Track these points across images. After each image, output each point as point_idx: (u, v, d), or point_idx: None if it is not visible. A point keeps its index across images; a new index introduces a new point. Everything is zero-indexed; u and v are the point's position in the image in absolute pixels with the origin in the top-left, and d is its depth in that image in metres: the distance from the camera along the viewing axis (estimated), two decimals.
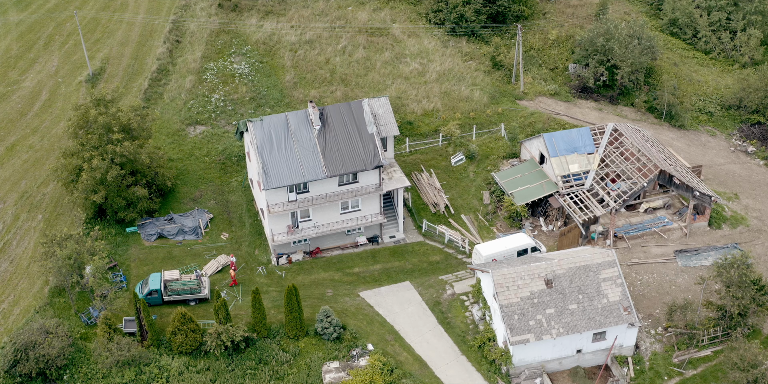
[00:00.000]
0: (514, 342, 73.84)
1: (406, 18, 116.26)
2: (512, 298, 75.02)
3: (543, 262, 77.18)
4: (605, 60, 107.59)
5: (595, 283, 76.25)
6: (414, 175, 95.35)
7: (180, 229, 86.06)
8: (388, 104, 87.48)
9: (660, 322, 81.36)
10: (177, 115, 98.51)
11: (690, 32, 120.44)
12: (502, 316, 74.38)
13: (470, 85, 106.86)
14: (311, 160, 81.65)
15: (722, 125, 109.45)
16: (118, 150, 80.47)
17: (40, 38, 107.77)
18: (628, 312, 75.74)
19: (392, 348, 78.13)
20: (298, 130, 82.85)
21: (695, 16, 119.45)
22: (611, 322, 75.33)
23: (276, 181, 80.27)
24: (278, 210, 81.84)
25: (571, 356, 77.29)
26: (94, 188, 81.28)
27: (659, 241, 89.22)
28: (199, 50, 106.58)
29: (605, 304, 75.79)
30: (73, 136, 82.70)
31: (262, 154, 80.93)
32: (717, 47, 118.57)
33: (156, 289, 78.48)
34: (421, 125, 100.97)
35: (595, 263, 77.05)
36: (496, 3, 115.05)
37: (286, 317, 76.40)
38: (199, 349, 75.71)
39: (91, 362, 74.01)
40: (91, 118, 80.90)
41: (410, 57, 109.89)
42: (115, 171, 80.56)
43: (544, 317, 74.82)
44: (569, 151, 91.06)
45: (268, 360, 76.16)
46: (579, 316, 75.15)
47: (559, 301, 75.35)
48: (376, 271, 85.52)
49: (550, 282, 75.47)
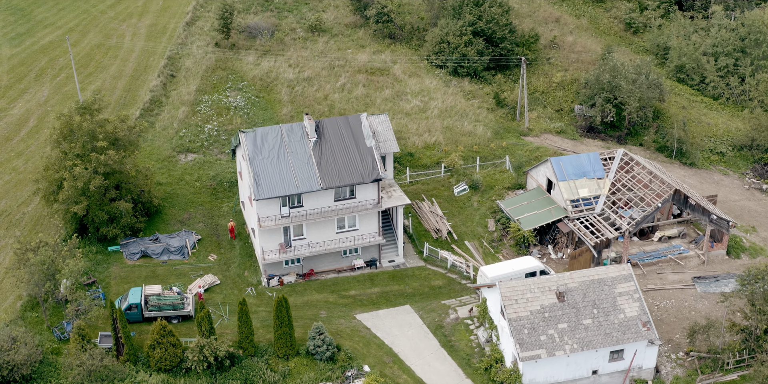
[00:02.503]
0: (524, 358, 67.49)
1: (407, 60, 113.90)
2: (521, 312, 69.12)
3: (554, 275, 71.65)
4: (612, 98, 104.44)
5: (610, 298, 70.49)
6: (415, 203, 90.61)
7: (165, 249, 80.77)
8: (387, 121, 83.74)
9: (680, 347, 75.11)
10: (168, 142, 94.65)
11: (697, 78, 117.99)
12: (511, 330, 68.29)
13: (473, 121, 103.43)
14: (306, 171, 77.22)
15: (735, 165, 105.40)
16: (102, 159, 76.08)
17: (32, 71, 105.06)
18: (648, 328, 69.66)
19: (391, 370, 71.67)
20: (293, 141, 78.76)
21: (702, 61, 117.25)
22: (629, 339, 69.13)
23: (268, 191, 75.56)
24: (270, 224, 76.75)
25: (587, 378, 70.71)
26: (75, 199, 76.52)
27: (676, 269, 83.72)
28: (193, 84, 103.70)
29: (622, 319, 69.81)
30: (55, 145, 78.43)
31: (254, 163, 76.56)
32: (725, 92, 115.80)
33: (136, 303, 72.59)
34: (423, 157, 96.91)
35: (610, 277, 71.51)
36: (499, 46, 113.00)
37: (275, 333, 70.16)
38: (179, 366, 69.20)
39: (61, 377, 67.42)
40: (75, 125, 76.86)
41: (411, 95, 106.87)
42: (98, 181, 75.98)
43: (557, 332, 68.71)
44: (578, 176, 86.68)
45: (254, 380, 69.51)
46: (594, 332, 69.04)
47: (572, 315, 69.41)
48: (374, 295, 79.76)
49: (562, 295, 69.74)
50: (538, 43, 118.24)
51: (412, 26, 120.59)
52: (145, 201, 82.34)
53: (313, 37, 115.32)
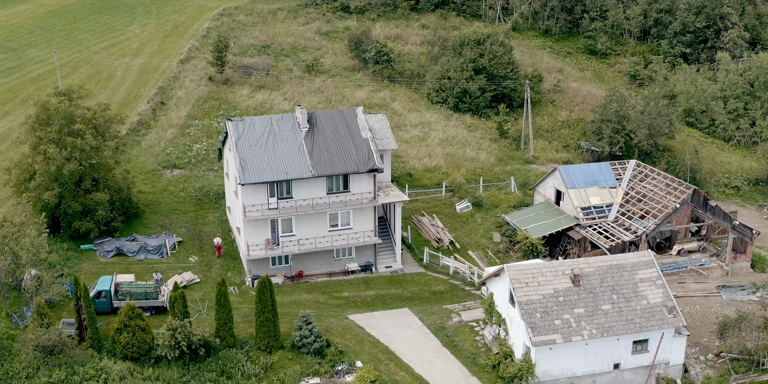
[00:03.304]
0: (537, 343, 59.76)
1: (407, 98, 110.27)
2: (532, 295, 61.91)
3: (567, 260, 64.88)
4: (620, 128, 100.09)
5: (630, 284, 63.43)
6: (414, 217, 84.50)
7: (142, 247, 74.16)
8: (385, 120, 78.93)
9: (710, 350, 67.35)
10: (153, 158, 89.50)
11: (707, 121, 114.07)
12: (521, 314, 60.89)
13: (476, 149, 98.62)
14: (296, 159, 71.68)
15: (751, 198, 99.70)
16: (78, 142, 70.68)
17: (18, 96, 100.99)
18: (674, 315, 62.27)
19: (387, 367, 63.62)
20: (283, 130, 73.64)
21: (711, 105, 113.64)
22: (654, 326, 61.61)
23: (254, 175, 69.76)
24: (256, 214, 70.54)
25: (608, 373, 62.62)
26: (47, 185, 70.60)
27: (698, 278, 76.79)
28: (184, 110, 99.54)
29: (645, 305, 62.51)
30: (30, 131, 73.20)
31: (241, 149, 71.13)
32: (736, 135, 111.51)
33: (105, 290, 65.42)
34: (423, 178, 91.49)
35: (630, 263, 64.68)
36: (501, 85, 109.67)
37: (257, 320, 62.53)
38: (148, 354, 61.36)
39: (15, 361, 59.59)
40: (52, 108, 71.92)
41: (411, 126, 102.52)
42: (72, 165, 70.31)
43: (573, 317, 61.28)
44: (589, 184, 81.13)
45: (232, 373, 61.43)
46: (615, 318, 61.61)
47: (589, 300, 62.18)
48: (369, 297, 72.56)
49: (577, 278, 62.73)
50: (542, 84, 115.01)
51: (412, 72, 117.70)
52: (123, 199, 76.31)
53: (310, 77, 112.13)
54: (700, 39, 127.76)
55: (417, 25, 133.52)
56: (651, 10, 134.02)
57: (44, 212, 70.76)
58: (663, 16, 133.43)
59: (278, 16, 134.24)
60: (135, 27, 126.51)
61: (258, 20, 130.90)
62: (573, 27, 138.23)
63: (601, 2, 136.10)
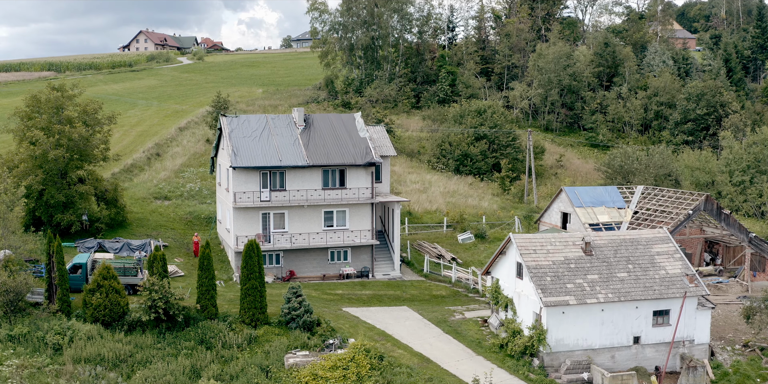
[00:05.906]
0: (548, 303, 54.50)
1: (407, 165, 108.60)
2: (542, 261, 57.31)
3: (576, 232, 60.65)
4: (625, 183, 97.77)
5: (647, 256, 58.95)
6: (415, 242, 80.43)
7: (126, 244, 69.79)
8: (383, 131, 76.98)
9: (735, 342, 61.60)
10: (146, 191, 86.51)
11: (714, 194, 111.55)
12: (531, 276, 56.04)
13: (478, 199, 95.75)
14: (291, 150, 69.03)
15: None
16: (66, 130, 68.26)
17: None
18: (696, 284, 57.34)
19: (383, 346, 57.78)
20: (279, 127, 71.48)
21: (717, 177, 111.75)
22: (675, 293, 56.53)
23: (247, 160, 66.85)
24: (246, 203, 66.94)
25: (627, 347, 56.66)
26: (31, 171, 67.45)
27: (717, 293, 71.81)
28: (180, 160, 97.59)
29: (664, 275, 57.72)
30: (19, 121, 70.87)
31: (234, 139, 68.64)
32: (744, 206, 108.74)
33: (81, 264, 60.70)
34: (423, 217, 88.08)
35: (645, 238, 60.49)
36: (503, 153, 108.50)
37: (242, 288, 57.33)
38: (122, 320, 55.93)
39: None
40: (43, 99, 70.07)
41: (410, 182, 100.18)
42: (59, 152, 67.52)
43: (587, 282, 56.36)
44: (596, 204, 77.93)
45: (212, 343, 55.67)
46: (632, 284, 56.69)
47: (603, 268, 57.49)
48: (365, 296, 67.44)
49: (588, 246, 58.35)
50: (543, 157, 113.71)
51: (413, 150, 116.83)
52: (109, 198, 72.78)
53: None
54: (702, 126, 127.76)
55: (417, 117, 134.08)
56: (651, 103, 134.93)
57: (25, 199, 67.06)
58: (663, 109, 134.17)
59: (279, 109, 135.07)
60: (137, 111, 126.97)
61: (258, 110, 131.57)
62: (574, 122, 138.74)
63: (602, 98, 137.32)
